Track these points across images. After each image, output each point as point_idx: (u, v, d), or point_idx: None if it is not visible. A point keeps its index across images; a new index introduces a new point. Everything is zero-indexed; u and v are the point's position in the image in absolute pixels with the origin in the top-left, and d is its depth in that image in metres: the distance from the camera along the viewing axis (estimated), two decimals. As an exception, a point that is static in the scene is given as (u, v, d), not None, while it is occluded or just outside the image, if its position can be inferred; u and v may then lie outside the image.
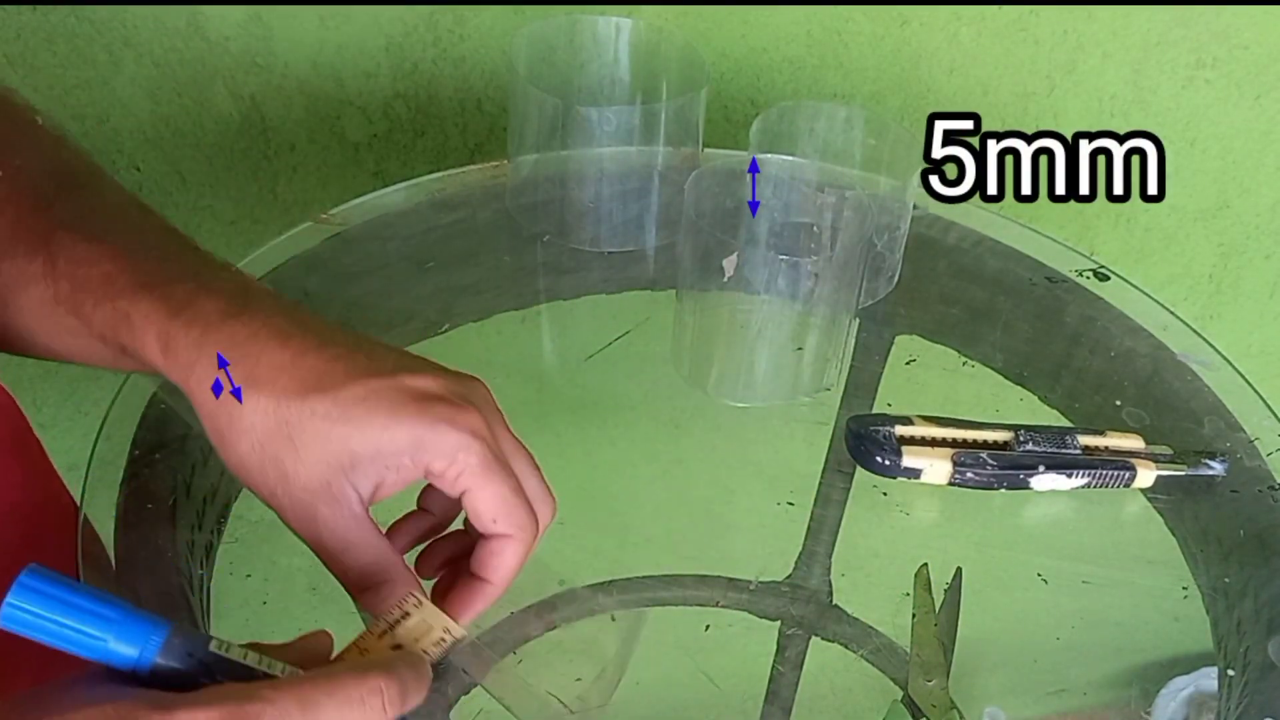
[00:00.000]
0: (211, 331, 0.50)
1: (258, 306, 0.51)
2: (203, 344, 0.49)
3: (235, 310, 0.50)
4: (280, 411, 0.48)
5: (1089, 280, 0.83)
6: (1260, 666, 0.62)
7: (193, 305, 0.50)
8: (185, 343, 0.50)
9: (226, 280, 0.53)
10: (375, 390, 0.49)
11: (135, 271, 0.52)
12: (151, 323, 0.50)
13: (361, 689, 0.43)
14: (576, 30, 0.83)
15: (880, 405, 0.76)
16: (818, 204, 0.75)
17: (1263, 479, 0.71)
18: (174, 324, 0.50)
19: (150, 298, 0.51)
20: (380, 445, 0.49)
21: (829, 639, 0.68)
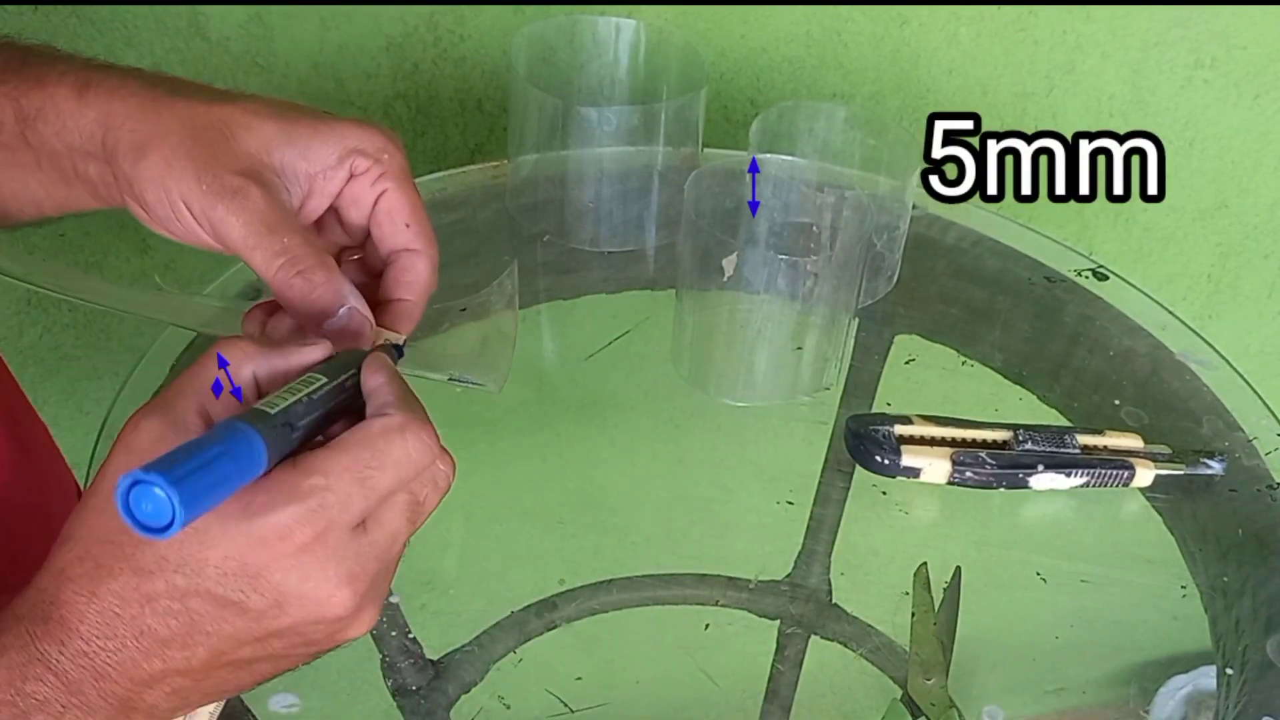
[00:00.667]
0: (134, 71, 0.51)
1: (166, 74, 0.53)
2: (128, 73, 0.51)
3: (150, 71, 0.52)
4: (213, 110, 0.50)
5: (1088, 280, 0.83)
6: (1258, 665, 0.62)
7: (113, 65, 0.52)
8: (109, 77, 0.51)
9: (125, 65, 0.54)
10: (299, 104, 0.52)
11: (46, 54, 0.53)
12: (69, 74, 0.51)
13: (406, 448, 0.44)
14: (576, 30, 0.83)
15: (880, 405, 0.76)
16: (817, 204, 0.75)
17: (1261, 478, 0.71)
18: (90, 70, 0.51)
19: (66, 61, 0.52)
20: (310, 140, 0.51)
21: (828, 638, 0.68)
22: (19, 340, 1.04)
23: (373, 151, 0.52)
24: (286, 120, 0.51)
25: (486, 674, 0.64)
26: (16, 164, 0.53)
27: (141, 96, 0.50)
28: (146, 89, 0.51)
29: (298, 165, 0.51)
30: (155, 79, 0.52)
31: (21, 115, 0.52)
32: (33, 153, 0.52)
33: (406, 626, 0.64)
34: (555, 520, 0.70)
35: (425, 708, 0.62)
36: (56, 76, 0.51)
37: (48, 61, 0.52)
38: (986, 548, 0.71)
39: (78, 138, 0.51)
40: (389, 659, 0.63)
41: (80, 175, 0.53)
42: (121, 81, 0.51)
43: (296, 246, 0.49)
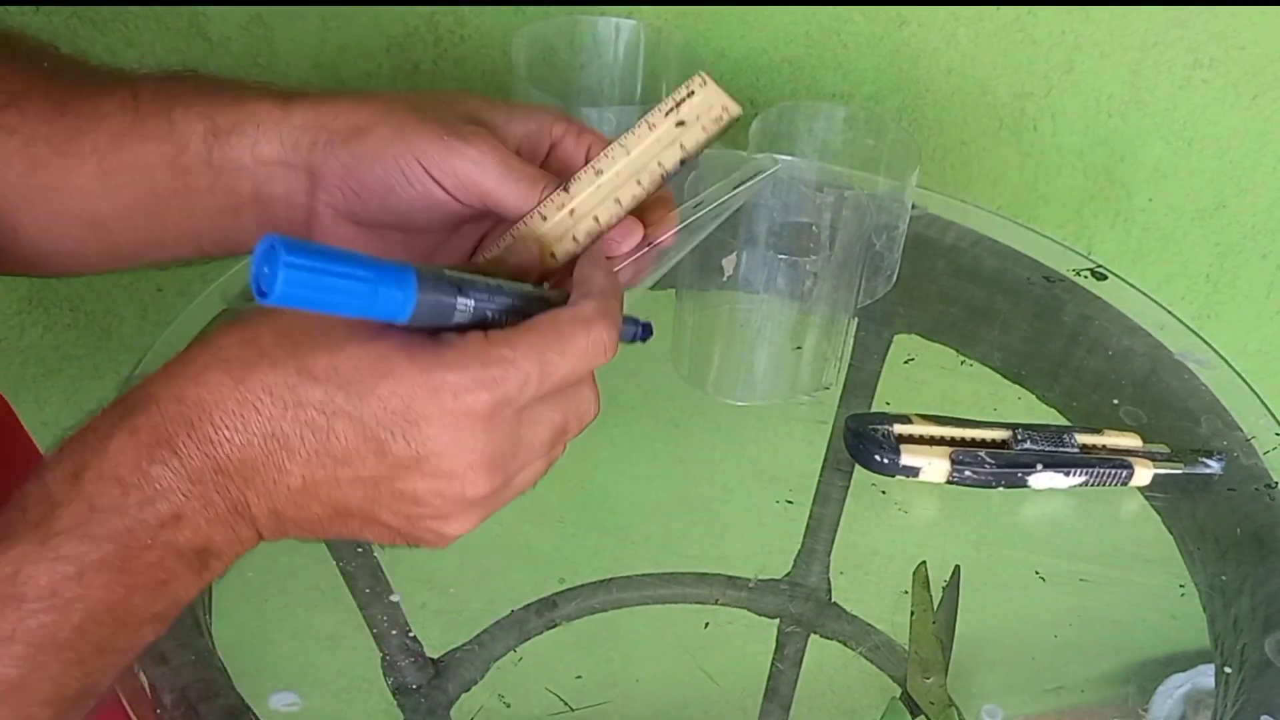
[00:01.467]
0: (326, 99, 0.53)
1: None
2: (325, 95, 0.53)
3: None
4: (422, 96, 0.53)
5: (1087, 279, 0.84)
6: (1257, 664, 0.62)
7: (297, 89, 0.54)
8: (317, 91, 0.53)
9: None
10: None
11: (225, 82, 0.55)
12: (268, 92, 0.53)
13: (589, 341, 0.45)
14: (576, 31, 0.83)
15: (879, 404, 0.76)
16: (816, 203, 0.76)
17: (1259, 477, 0.71)
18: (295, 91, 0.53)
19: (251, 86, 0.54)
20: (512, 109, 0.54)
21: (828, 636, 0.68)
22: (20, 340, 1.04)
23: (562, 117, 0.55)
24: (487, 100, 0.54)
25: (487, 672, 0.64)
26: (189, 190, 0.54)
27: (351, 97, 0.53)
28: (350, 95, 0.53)
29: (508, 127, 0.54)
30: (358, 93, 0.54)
31: (214, 130, 0.53)
32: (212, 174, 0.54)
33: (407, 625, 0.64)
34: (555, 519, 0.70)
35: (425, 706, 0.62)
36: (255, 95, 0.53)
37: (244, 85, 0.54)
38: (985, 547, 0.71)
39: (278, 146, 0.53)
40: (389, 657, 0.63)
41: (260, 197, 0.54)
42: (324, 93, 0.53)
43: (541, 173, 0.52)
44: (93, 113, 0.54)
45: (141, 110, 0.54)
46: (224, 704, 0.57)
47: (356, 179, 0.52)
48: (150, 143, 0.54)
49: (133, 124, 0.54)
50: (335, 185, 0.53)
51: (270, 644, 0.63)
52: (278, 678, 0.60)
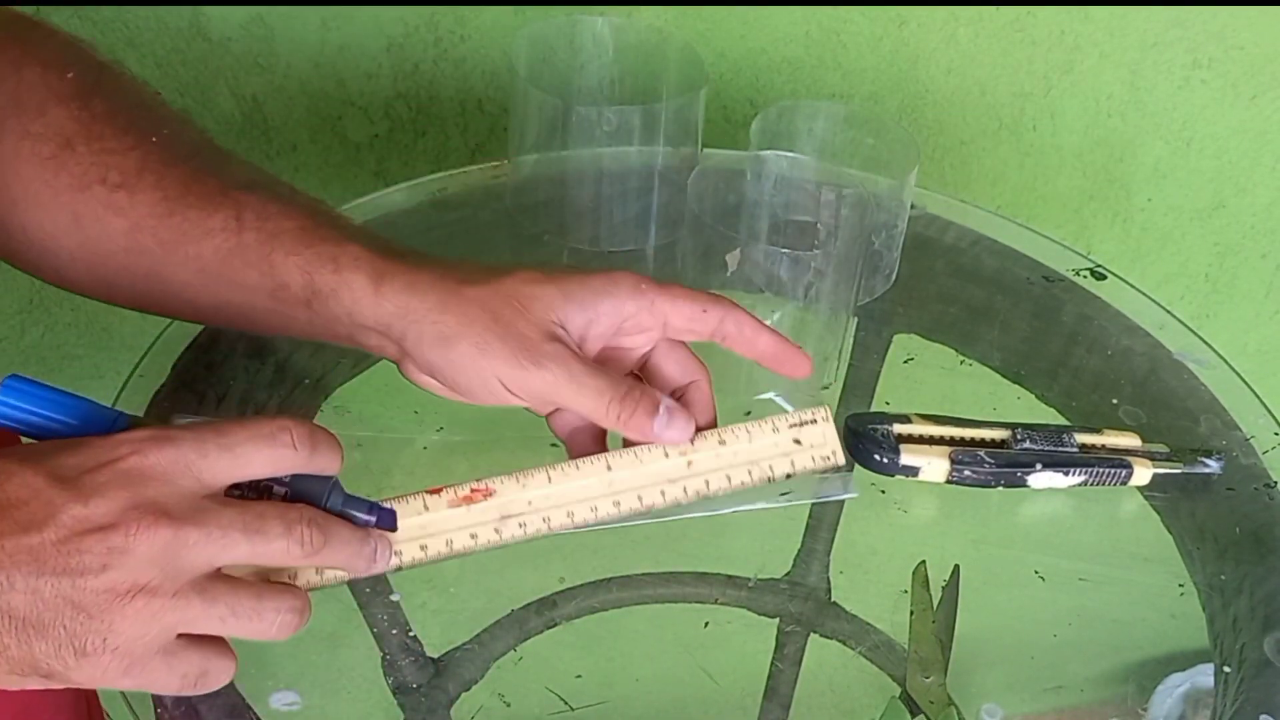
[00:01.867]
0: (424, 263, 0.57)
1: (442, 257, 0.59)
2: (419, 270, 0.57)
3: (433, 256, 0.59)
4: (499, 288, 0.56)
5: (1086, 279, 0.84)
6: (1256, 663, 0.62)
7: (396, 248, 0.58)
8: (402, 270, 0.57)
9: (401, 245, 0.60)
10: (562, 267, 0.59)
11: (330, 225, 0.58)
12: (363, 263, 0.57)
13: (272, 425, 0.48)
14: (576, 31, 0.83)
15: (878, 403, 0.76)
16: (817, 201, 0.76)
17: (1258, 477, 0.71)
18: (387, 262, 0.57)
19: (357, 244, 0.57)
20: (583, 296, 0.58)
21: (827, 636, 0.68)
22: (21, 339, 1.04)
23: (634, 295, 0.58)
24: (560, 282, 0.57)
25: (487, 672, 0.64)
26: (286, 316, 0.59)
27: (438, 291, 0.56)
28: (439, 281, 0.56)
29: (578, 318, 0.57)
30: (441, 268, 0.57)
31: (313, 289, 0.57)
32: (309, 314, 0.58)
33: (407, 624, 0.64)
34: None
35: (426, 705, 0.62)
36: (351, 261, 0.57)
37: (337, 240, 0.57)
38: (985, 546, 0.71)
39: (372, 321, 0.57)
40: (389, 657, 0.63)
41: (356, 340, 0.58)
42: (414, 275, 0.56)
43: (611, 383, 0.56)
44: (198, 225, 0.57)
45: (244, 238, 0.57)
46: (224, 703, 0.57)
47: (443, 376, 0.57)
48: (251, 270, 0.57)
49: (235, 249, 0.57)
50: (423, 369, 0.58)
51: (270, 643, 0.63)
52: (278, 677, 0.60)
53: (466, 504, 0.55)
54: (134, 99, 0.61)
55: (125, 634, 0.44)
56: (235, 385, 0.70)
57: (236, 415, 0.69)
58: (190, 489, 0.46)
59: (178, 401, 0.68)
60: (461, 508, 0.54)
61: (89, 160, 0.58)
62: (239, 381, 0.70)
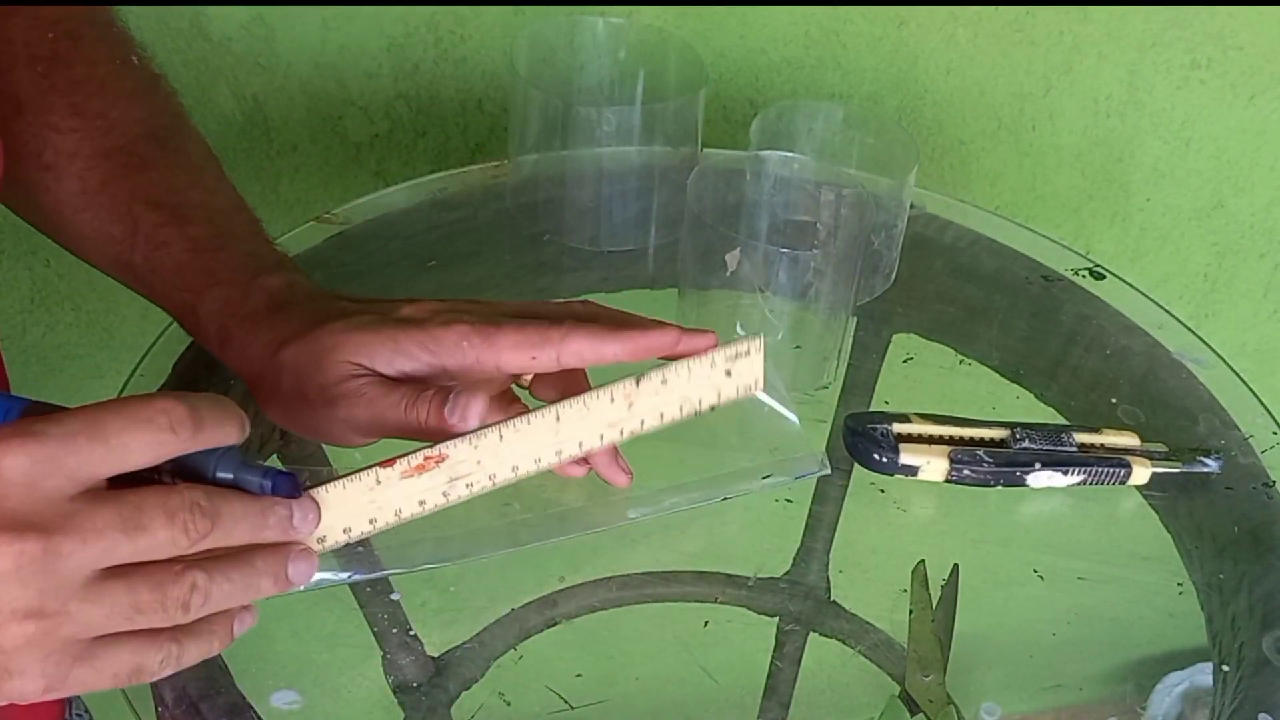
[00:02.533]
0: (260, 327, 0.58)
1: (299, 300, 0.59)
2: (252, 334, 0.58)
3: (279, 305, 0.58)
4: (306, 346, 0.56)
5: (1085, 279, 0.84)
6: (1254, 662, 0.62)
7: (247, 301, 0.59)
8: (240, 336, 0.58)
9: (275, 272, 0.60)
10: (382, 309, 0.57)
11: (202, 268, 0.60)
12: (213, 319, 0.59)
13: (149, 409, 0.42)
14: (576, 31, 0.83)
15: (878, 403, 0.76)
16: (817, 201, 0.76)
17: (1257, 476, 0.71)
18: (231, 321, 0.58)
19: (212, 297, 0.59)
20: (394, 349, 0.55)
21: (827, 635, 0.68)
22: (22, 338, 1.04)
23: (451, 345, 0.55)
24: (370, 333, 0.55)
25: (487, 671, 0.64)
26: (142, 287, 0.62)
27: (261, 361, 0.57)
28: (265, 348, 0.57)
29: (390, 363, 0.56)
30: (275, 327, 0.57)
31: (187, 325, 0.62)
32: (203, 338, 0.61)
33: (408, 623, 0.64)
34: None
35: (426, 704, 0.62)
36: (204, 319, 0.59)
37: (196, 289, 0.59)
38: (984, 545, 0.71)
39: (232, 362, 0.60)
40: (390, 655, 0.63)
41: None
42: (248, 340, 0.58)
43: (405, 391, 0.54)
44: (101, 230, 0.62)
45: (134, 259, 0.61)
46: (225, 701, 0.57)
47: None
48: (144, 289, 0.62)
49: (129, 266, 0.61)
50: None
51: (271, 642, 0.63)
52: (279, 676, 0.60)
53: (419, 473, 0.54)
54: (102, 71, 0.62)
55: (25, 659, 0.41)
56: (236, 384, 0.70)
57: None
58: (60, 491, 0.40)
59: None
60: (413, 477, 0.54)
61: (31, 132, 0.60)
62: (240, 380, 0.70)
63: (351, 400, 0.55)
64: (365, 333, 0.55)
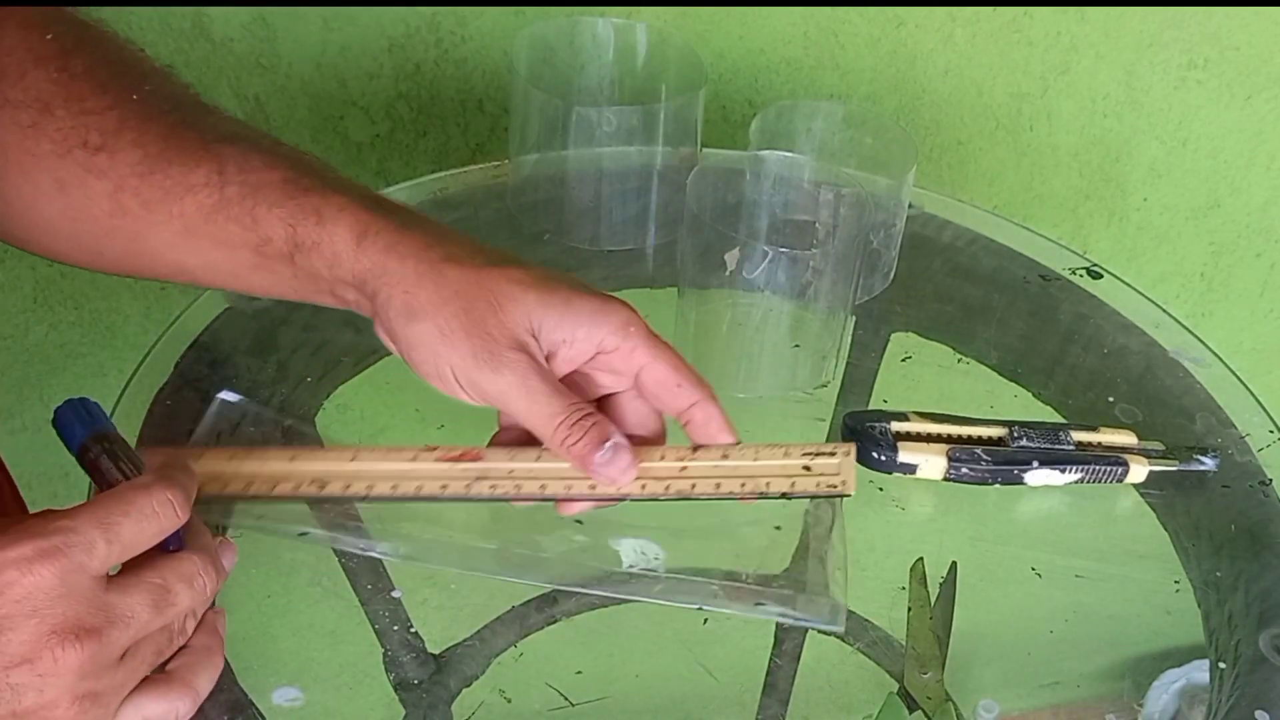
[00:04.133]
0: (409, 224, 0.56)
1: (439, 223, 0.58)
2: (403, 231, 0.55)
3: (422, 216, 0.57)
4: (481, 279, 0.54)
5: (1082, 278, 0.84)
6: (1251, 659, 0.62)
7: (383, 203, 0.56)
8: (387, 228, 0.55)
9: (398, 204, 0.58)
10: (556, 273, 0.56)
11: (315, 176, 0.56)
12: (347, 214, 0.55)
13: (151, 502, 0.47)
14: (576, 32, 0.83)
15: (876, 401, 0.76)
16: (816, 200, 0.76)
17: (1253, 474, 0.71)
18: (372, 216, 0.55)
19: (343, 195, 0.56)
20: (564, 314, 0.55)
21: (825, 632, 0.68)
22: (25, 337, 1.05)
23: (617, 329, 0.56)
24: (545, 291, 0.55)
25: (487, 668, 0.64)
26: (271, 270, 0.57)
27: (417, 260, 0.55)
28: (422, 251, 0.55)
29: (552, 334, 0.55)
30: (429, 237, 0.55)
31: (295, 242, 0.56)
32: (293, 269, 0.57)
33: (408, 621, 0.64)
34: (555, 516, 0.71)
35: (427, 701, 0.62)
36: (335, 212, 0.55)
37: (322, 191, 0.56)
38: (982, 543, 0.71)
39: (350, 276, 0.55)
40: (391, 653, 0.64)
41: (335, 295, 0.57)
42: (399, 235, 0.55)
43: (565, 407, 0.55)
44: (180, 180, 0.56)
45: (227, 193, 0.56)
46: (227, 699, 0.57)
47: (400, 347, 0.56)
48: (234, 225, 0.56)
49: (218, 204, 0.56)
50: (386, 333, 0.57)
51: (272, 639, 0.64)
52: (280, 673, 0.60)
53: (452, 462, 0.54)
54: (114, 55, 0.60)
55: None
56: (237, 384, 0.70)
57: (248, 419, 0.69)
58: (91, 589, 0.45)
59: (179, 401, 0.68)
60: (445, 464, 0.54)
61: (69, 123, 0.56)
62: (241, 380, 0.71)
63: (513, 375, 0.54)
64: (543, 291, 0.55)
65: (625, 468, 0.56)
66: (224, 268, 0.58)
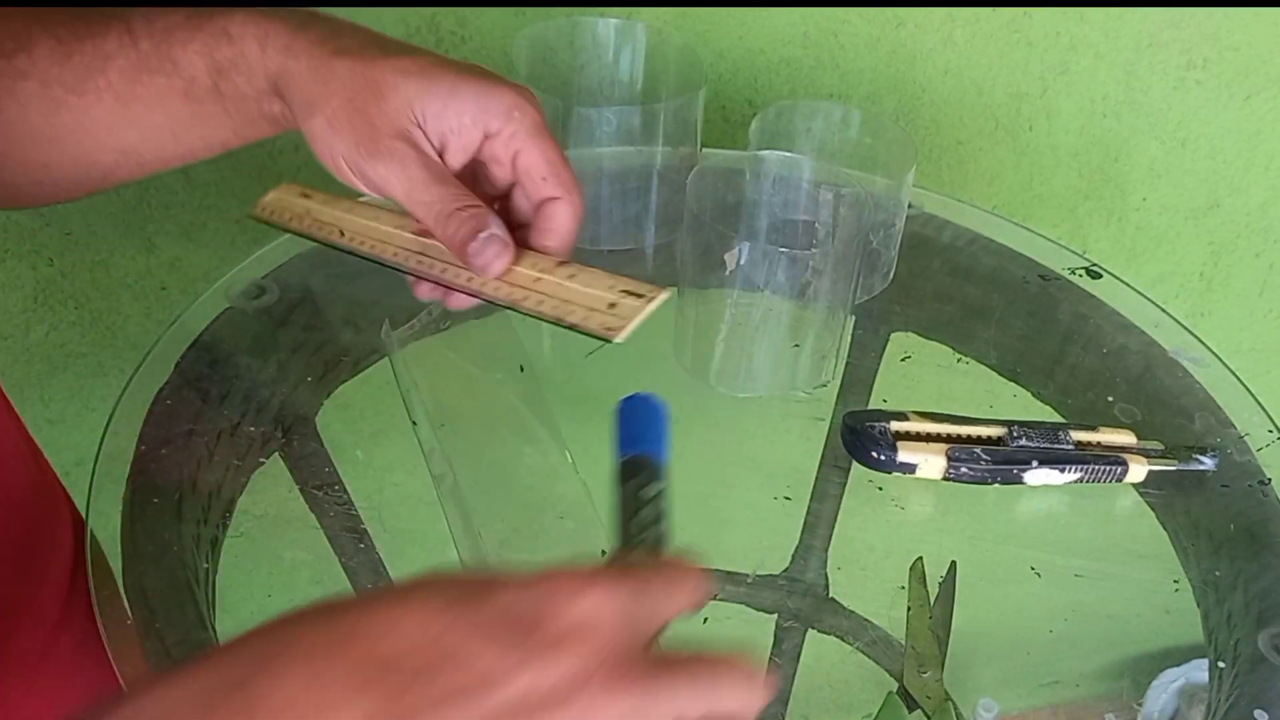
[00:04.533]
0: (305, 24, 0.56)
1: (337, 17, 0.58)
2: (298, 32, 0.56)
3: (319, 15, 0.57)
4: (367, 69, 0.55)
5: (1081, 278, 0.84)
6: (1250, 658, 0.62)
7: (280, 11, 0.57)
8: (283, 30, 0.56)
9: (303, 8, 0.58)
10: (446, 60, 0.56)
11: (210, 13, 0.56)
12: (249, 26, 0.56)
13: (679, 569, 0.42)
14: (576, 32, 0.83)
15: (876, 401, 0.76)
16: (815, 200, 0.76)
17: (1252, 474, 0.71)
18: (271, 22, 0.56)
19: (242, 11, 0.56)
20: (448, 100, 0.55)
21: (825, 631, 0.68)
22: (26, 337, 1.05)
23: (501, 113, 0.56)
24: (428, 79, 0.55)
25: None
26: (205, 114, 0.58)
27: (309, 56, 0.55)
28: (314, 47, 0.55)
29: (437, 122, 0.56)
30: (324, 32, 0.56)
31: (216, 68, 0.56)
32: (223, 102, 0.57)
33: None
34: (555, 515, 0.71)
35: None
36: (239, 27, 0.56)
37: (225, 11, 0.56)
38: (981, 543, 0.72)
39: (264, 83, 0.56)
40: (392, 652, 0.64)
41: (266, 114, 0.58)
42: (295, 35, 0.56)
43: (443, 196, 0.55)
44: (96, 52, 0.56)
45: (141, 48, 0.56)
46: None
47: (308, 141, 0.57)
48: (159, 77, 0.57)
49: (137, 62, 0.56)
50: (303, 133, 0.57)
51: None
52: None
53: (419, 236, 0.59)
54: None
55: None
56: (238, 383, 0.70)
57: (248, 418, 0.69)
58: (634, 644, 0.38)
59: (180, 400, 0.68)
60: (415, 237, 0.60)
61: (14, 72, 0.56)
62: (241, 379, 0.71)
63: (390, 163, 0.55)
64: (427, 79, 0.55)
65: (494, 258, 0.56)
66: (165, 131, 0.58)
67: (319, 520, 0.67)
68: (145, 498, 0.63)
